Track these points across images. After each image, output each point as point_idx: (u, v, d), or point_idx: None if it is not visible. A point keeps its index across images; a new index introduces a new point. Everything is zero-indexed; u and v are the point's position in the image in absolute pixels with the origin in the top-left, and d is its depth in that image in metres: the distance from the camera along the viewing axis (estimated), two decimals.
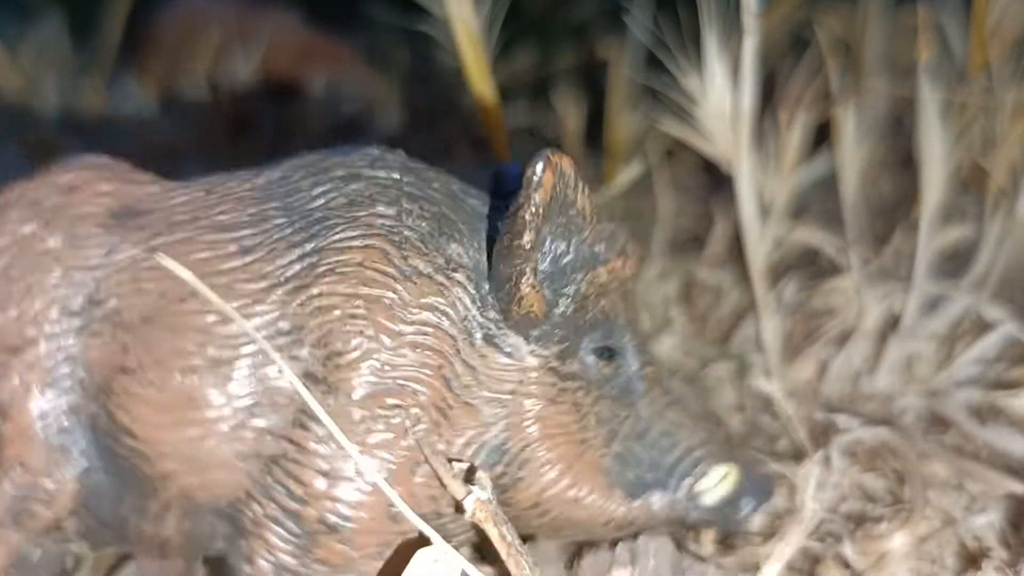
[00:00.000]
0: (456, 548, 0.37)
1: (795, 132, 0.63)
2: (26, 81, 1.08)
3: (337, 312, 0.36)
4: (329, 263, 0.37)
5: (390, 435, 0.37)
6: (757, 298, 0.61)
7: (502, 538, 0.36)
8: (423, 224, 0.38)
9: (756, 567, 0.44)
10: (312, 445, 0.36)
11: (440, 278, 0.37)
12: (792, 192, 0.65)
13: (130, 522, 0.39)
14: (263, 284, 0.37)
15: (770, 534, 0.48)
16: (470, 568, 0.36)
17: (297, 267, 0.37)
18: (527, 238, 0.36)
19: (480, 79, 0.59)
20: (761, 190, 0.61)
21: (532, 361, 0.38)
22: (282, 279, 0.37)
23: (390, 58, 1.22)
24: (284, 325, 0.37)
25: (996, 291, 0.64)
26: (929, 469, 0.52)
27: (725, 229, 0.78)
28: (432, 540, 0.36)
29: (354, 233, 0.37)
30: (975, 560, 0.46)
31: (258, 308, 0.37)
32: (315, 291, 0.37)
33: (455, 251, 0.38)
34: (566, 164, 0.36)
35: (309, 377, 0.36)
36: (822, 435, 0.55)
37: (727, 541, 0.48)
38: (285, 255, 0.37)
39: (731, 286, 0.72)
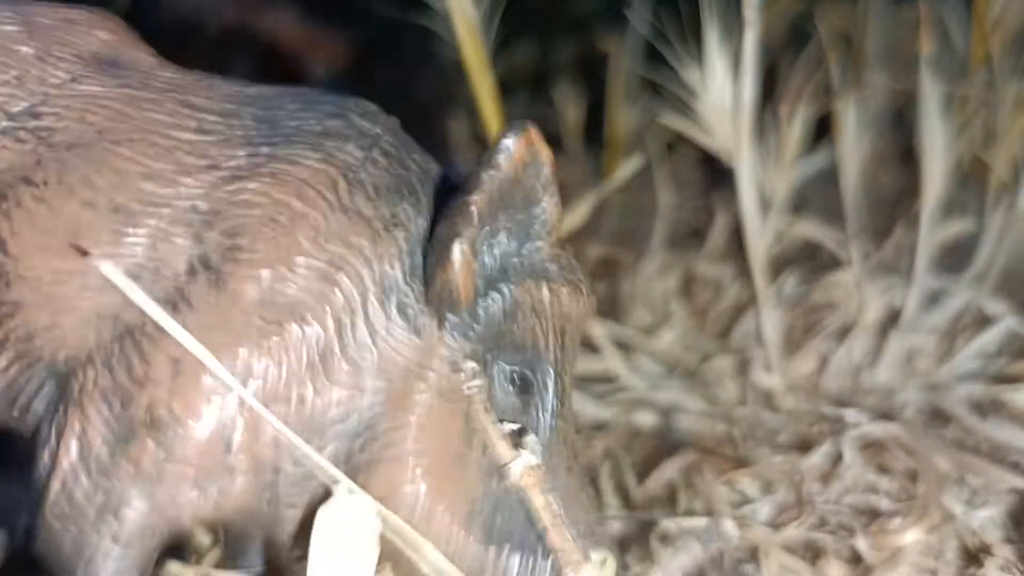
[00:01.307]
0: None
1: (796, 125, 0.63)
2: None
3: (258, 212, 0.35)
4: (274, 168, 0.36)
5: (256, 351, 0.34)
6: (757, 292, 0.61)
7: (547, 507, 0.34)
8: (385, 177, 0.37)
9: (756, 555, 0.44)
10: (174, 328, 0.33)
11: (378, 226, 0.36)
12: (793, 186, 0.64)
13: None
14: (202, 163, 0.36)
15: (777, 525, 0.48)
16: (387, 513, 0.34)
17: (243, 161, 0.36)
18: (477, 199, 0.34)
19: (480, 72, 0.59)
20: (761, 184, 0.61)
21: (439, 349, 0.35)
22: (222, 165, 0.36)
23: (390, 52, 1.22)
24: (202, 205, 0.35)
25: (997, 285, 0.64)
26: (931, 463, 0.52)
27: (725, 223, 0.78)
28: (333, 488, 0.33)
29: (312, 154, 0.36)
30: (976, 556, 0.46)
31: (185, 181, 0.35)
32: (248, 185, 0.35)
33: (404, 211, 0.36)
34: (543, 151, 0.35)
35: (203, 262, 0.34)
36: (829, 429, 0.55)
37: None
38: (237, 148, 0.36)
39: (731, 280, 0.72)
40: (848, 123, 0.65)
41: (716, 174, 0.76)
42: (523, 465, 0.34)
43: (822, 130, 0.69)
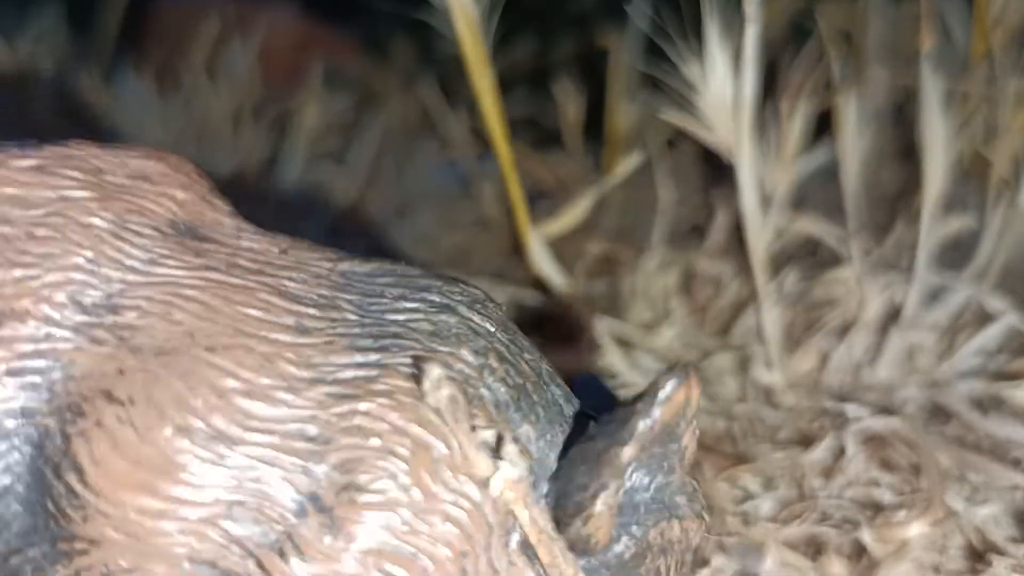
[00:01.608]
0: None
1: (796, 121, 0.63)
2: (24, 72, 1.08)
3: (377, 441, 0.31)
4: (388, 384, 0.32)
5: None
6: (758, 289, 0.60)
7: (533, 522, 0.32)
8: (503, 390, 0.33)
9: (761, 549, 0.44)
10: None
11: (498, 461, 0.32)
12: (793, 182, 0.64)
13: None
14: (307, 374, 0.32)
15: (779, 520, 0.48)
16: None
17: (352, 373, 0.32)
18: (629, 452, 0.31)
19: (480, 68, 0.59)
20: (762, 180, 0.61)
21: None
22: (330, 379, 0.32)
23: (389, 48, 1.22)
24: (311, 430, 0.31)
25: (998, 282, 0.63)
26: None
27: (726, 219, 0.77)
28: None
29: (427, 366, 0.32)
30: (982, 554, 0.46)
31: (289, 398, 0.31)
32: (362, 407, 0.31)
33: (526, 433, 0.33)
34: (695, 393, 0.32)
35: (314, 501, 0.31)
36: (831, 424, 0.55)
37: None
38: (343, 355, 0.32)
39: (732, 277, 0.72)
40: (849, 119, 0.65)
41: (716, 170, 0.76)
42: (503, 478, 0.31)
43: (823, 126, 0.69)
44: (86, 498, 0.31)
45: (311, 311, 0.33)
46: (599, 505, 0.31)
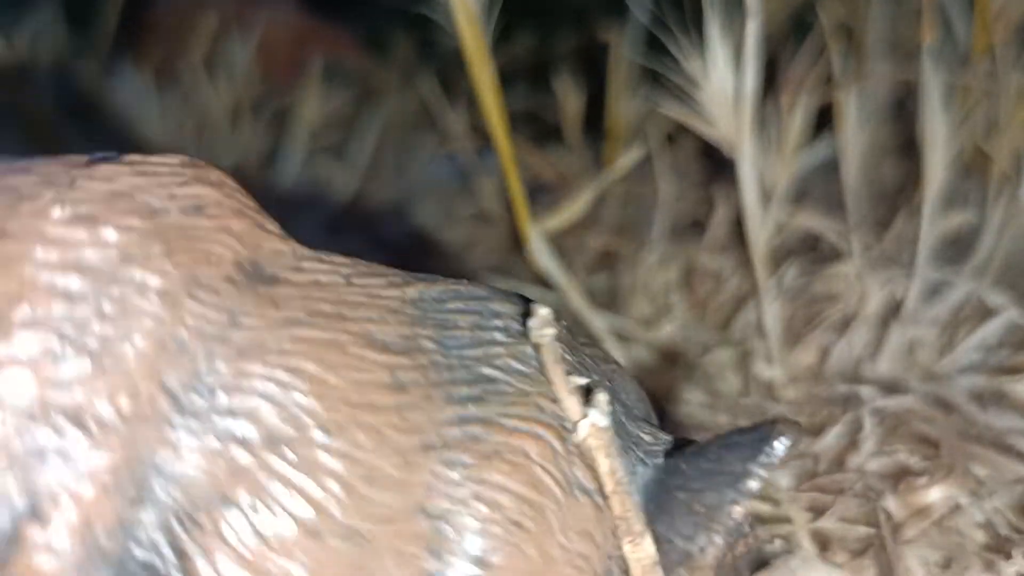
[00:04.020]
0: None
1: (797, 116, 0.62)
2: (22, 67, 1.07)
3: (500, 517, 0.29)
4: (495, 444, 0.29)
5: None
6: (758, 283, 0.60)
7: (612, 473, 0.31)
8: None
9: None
10: None
11: (599, 500, 0.31)
12: (794, 176, 0.64)
13: None
14: (414, 442, 0.28)
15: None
16: None
17: (456, 432, 0.29)
18: (742, 512, 0.31)
19: (480, 62, 0.59)
20: (762, 174, 0.60)
21: None
22: (438, 443, 0.29)
23: (389, 42, 1.22)
24: (432, 508, 0.28)
25: (999, 277, 0.63)
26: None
27: (726, 214, 0.77)
28: None
29: (523, 412, 0.30)
30: (996, 547, 0.46)
31: (407, 478, 0.28)
32: (477, 475, 0.29)
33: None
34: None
35: None
36: (844, 407, 0.55)
37: None
38: (441, 409, 0.29)
39: (732, 271, 0.72)
40: (850, 114, 0.65)
41: (717, 165, 0.76)
42: (590, 424, 0.30)
43: (823, 121, 0.69)
44: None
45: (402, 360, 0.29)
46: (709, 559, 0.31)
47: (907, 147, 0.74)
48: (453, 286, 0.32)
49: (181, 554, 0.26)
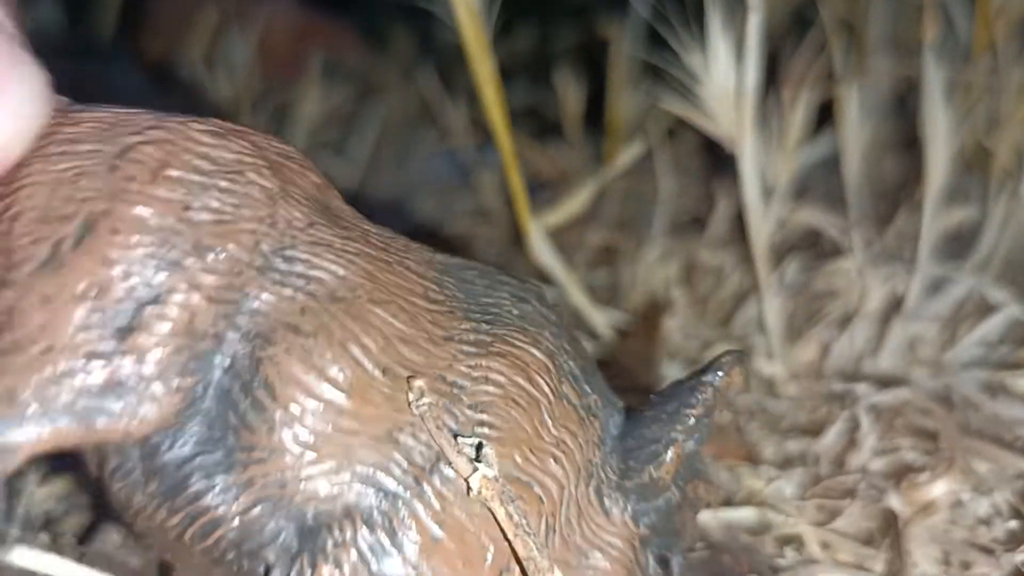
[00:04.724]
0: None
1: (798, 112, 0.62)
2: None
3: (499, 391, 0.36)
4: (501, 348, 0.37)
5: (511, 520, 0.35)
6: (759, 279, 0.60)
7: (509, 518, 0.36)
8: (575, 367, 0.39)
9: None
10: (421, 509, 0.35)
11: (582, 413, 0.38)
12: (795, 172, 0.64)
13: (192, 481, 0.35)
14: (440, 332, 0.37)
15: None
16: None
17: (473, 336, 0.37)
18: (696, 411, 0.38)
19: (480, 57, 0.59)
20: (764, 170, 0.60)
21: (623, 530, 0.38)
22: (456, 339, 0.37)
23: (389, 38, 1.22)
24: (449, 377, 0.36)
25: (1000, 273, 0.63)
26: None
27: (727, 210, 0.77)
28: None
29: (524, 338, 0.38)
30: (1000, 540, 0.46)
31: (432, 350, 0.36)
32: (484, 363, 0.37)
33: (594, 400, 0.39)
34: (742, 376, 0.39)
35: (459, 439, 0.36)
36: (841, 405, 0.55)
37: None
38: (463, 322, 0.38)
39: (733, 267, 0.72)
40: (851, 110, 0.65)
41: (718, 160, 0.76)
42: (480, 477, 0.35)
43: (825, 116, 0.69)
44: (273, 412, 0.34)
45: (432, 285, 0.38)
46: (670, 453, 0.38)
47: (908, 143, 0.74)
48: (471, 262, 0.41)
49: (256, 360, 0.35)
